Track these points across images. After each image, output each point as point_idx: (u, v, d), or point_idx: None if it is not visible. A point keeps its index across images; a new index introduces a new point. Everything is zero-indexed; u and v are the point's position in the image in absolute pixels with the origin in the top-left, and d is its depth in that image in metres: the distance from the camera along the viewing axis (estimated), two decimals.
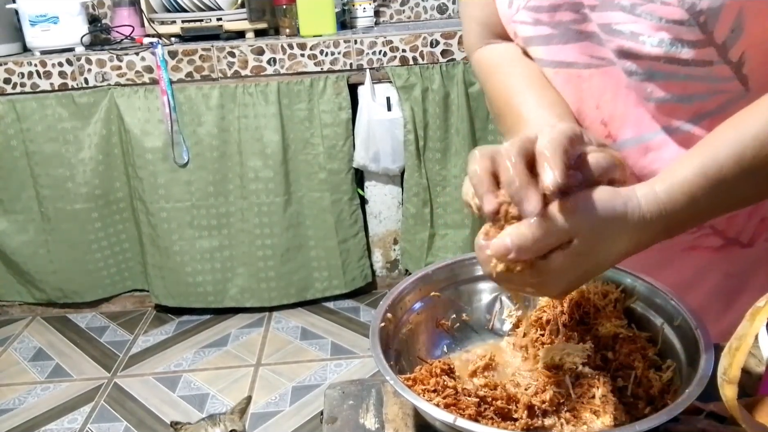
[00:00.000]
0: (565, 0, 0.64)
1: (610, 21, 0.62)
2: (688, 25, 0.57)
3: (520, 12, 0.68)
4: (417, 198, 2.38)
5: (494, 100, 0.75)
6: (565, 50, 0.68)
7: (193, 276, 2.43)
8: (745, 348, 0.45)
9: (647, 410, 0.55)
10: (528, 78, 0.71)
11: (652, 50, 0.60)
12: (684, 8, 0.56)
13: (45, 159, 2.31)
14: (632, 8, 0.59)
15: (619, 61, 0.64)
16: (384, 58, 2.24)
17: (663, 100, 0.64)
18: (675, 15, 0.57)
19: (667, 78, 0.62)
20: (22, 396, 2.12)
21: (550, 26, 0.67)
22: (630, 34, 0.61)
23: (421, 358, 0.64)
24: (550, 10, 0.66)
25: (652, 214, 0.50)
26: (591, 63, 0.67)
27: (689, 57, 0.59)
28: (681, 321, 0.59)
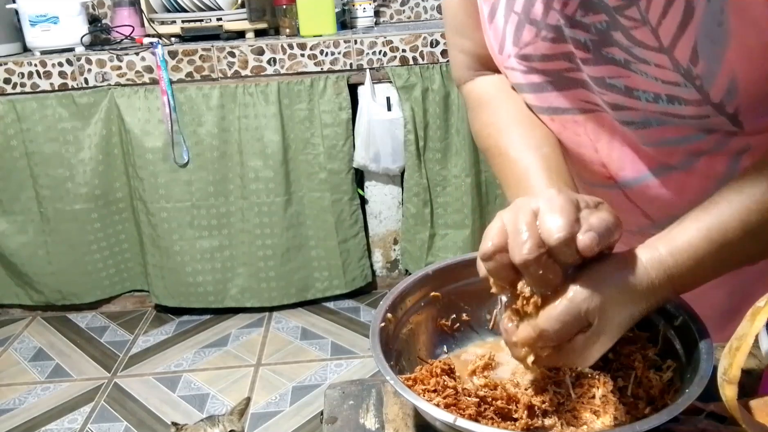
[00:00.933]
0: (558, 51, 0.63)
1: (603, 75, 0.61)
2: (684, 86, 0.57)
3: (510, 59, 0.67)
4: (417, 198, 2.38)
5: (481, 138, 0.74)
6: (558, 97, 0.67)
7: (194, 276, 2.43)
8: (745, 348, 0.45)
9: (647, 410, 0.55)
10: (515, 116, 0.71)
11: (648, 105, 0.60)
12: (679, 72, 0.56)
13: (45, 159, 2.31)
14: (626, 63, 0.59)
15: (612, 113, 0.64)
16: (384, 58, 2.24)
17: (659, 143, 0.64)
18: (670, 77, 0.57)
19: (662, 124, 0.62)
20: (22, 396, 2.12)
21: (542, 74, 0.66)
22: (624, 88, 0.60)
23: (421, 358, 0.64)
24: (543, 60, 0.65)
25: (660, 279, 0.52)
26: (585, 108, 0.66)
27: (686, 113, 0.59)
28: (681, 321, 0.59)
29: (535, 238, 0.48)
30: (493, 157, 0.72)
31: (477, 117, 0.76)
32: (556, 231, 0.47)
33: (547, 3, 0.61)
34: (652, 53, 0.56)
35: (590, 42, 0.60)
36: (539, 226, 0.49)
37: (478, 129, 0.76)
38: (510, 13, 0.64)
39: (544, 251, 0.48)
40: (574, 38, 0.61)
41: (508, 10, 0.65)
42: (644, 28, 0.55)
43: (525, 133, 0.69)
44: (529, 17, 0.63)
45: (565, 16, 0.60)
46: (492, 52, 0.70)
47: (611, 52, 0.59)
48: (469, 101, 0.78)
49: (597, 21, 0.58)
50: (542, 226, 0.48)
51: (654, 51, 0.56)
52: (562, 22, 0.61)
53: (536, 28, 0.63)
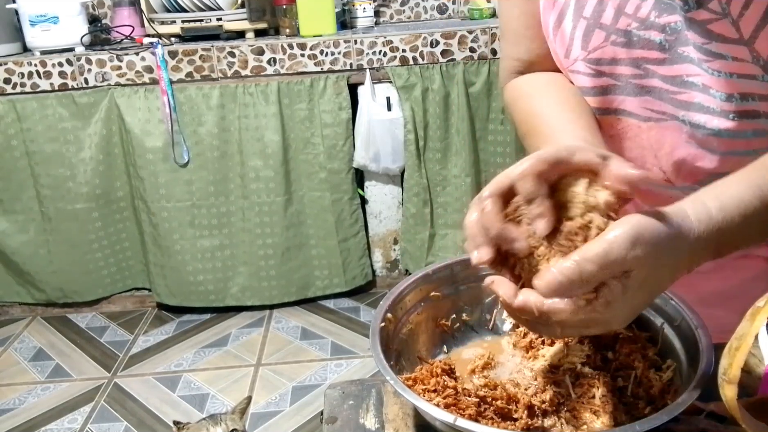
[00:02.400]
0: (627, 56, 0.63)
1: (682, 73, 0.61)
2: (761, 79, 0.56)
3: (577, 63, 0.67)
4: (417, 198, 2.38)
5: (520, 125, 0.74)
6: (623, 102, 0.67)
7: (195, 275, 2.43)
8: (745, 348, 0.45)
9: (647, 410, 0.55)
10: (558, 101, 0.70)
11: (722, 104, 0.60)
12: (759, 65, 0.56)
13: (45, 159, 2.31)
14: (699, 63, 0.59)
15: (687, 114, 0.62)
16: (384, 58, 2.24)
17: (727, 153, 0.63)
18: (748, 70, 0.56)
19: (733, 137, 0.61)
20: (22, 396, 2.12)
21: (609, 78, 0.66)
22: (702, 86, 0.60)
23: (422, 358, 0.64)
24: (611, 64, 0.65)
25: (708, 233, 0.48)
26: (650, 117, 0.66)
27: (760, 109, 0.58)
28: (681, 321, 0.59)
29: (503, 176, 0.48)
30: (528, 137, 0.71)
31: (515, 108, 0.76)
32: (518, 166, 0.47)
33: (618, 8, 0.61)
34: (730, 46, 0.56)
35: (665, 42, 0.60)
36: None
37: (517, 118, 0.75)
38: (579, 18, 0.65)
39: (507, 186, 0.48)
40: (647, 39, 0.61)
41: (577, 15, 0.65)
42: (724, 21, 0.56)
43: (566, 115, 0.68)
44: (599, 22, 0.64)
45: (639, 19, 0.61)
46: (557, 58, 0.70)
47: (686, 51, 0.59)
48: (508, 96, 0.78)
49: (671, 21, 0.59)
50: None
51: (732, 43, 0.56)
52: (635, 26, 0.61)
53: (605, 33, 0.63)
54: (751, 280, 0.71)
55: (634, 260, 0.44)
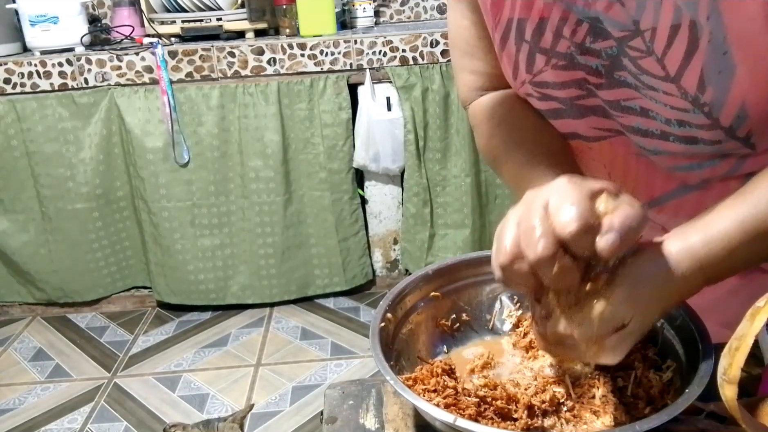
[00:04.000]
0: (570, 78, 0.63)
1: (619, 98, 0.61)
2: (693, 112, 0.56)
3: (525, 85, 0.67)
4: (417, 198, 2.38)
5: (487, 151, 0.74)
6: (571, 124, 0.67)
7: (195, 274, 2.43)
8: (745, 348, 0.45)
9: (647, 410, 0.55)
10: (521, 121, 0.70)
11: (663, 126, 0.60)
12: (687, 100, 0.56)
13: (45, 159, 2.31)
14: (637, 88, 0.59)
15: (630, 136, 0.63)
16: (384, 58, 2.24)
17: (674, 168, 0.64)
18: (679, 104, 0.57)
19: (676, 153, 0.62)
20: (22, 396, 2.12)
21: (556, 101, 0.66)
22: (640, 109, 0.60)
23: (422, 358, 0.64)
24: (555, 87, 0.65)
25: (693, 270, 0.52)
26: (600, 135, 0.66)
27: (698, 136, 0.58)
28: (681, 321, 0.59)
29: (548, 234, 0.47)
30: (501, 165, 0.71)
31: (483, 131, 0.75)
32: (568, 224, 0.46)
33: (556, 32, 0.61)
34: (659, 81, 0.56)
35: (602, 67, 0.60)
36: (552, 220, 0.47)
37: (485, 143, 0.75)
38: (521, 42, 0.64)
39: (559, 246, 0.47)
40: (585, 65, 0.61)
41: (519, 39, 0.64)
42: (650, 58, 0.55)
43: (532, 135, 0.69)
44: (539, 46, 0.63)
45: (575, 44, 0.60)
46: (507, 76, 0.70)
47: (623, 75, 0.59)
48: (474, 118, 0.77)
49: (606, 47, 0.58)
50: (554, 219, 0.47)
51: (661, 80, 0.56)
52: (573, 50, 0.61)
53: (546, 56, 0.63)
54: (726, 295, 0.72)
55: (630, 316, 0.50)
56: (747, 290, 0.70)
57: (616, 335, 0.50)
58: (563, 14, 0.59)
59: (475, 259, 0.69)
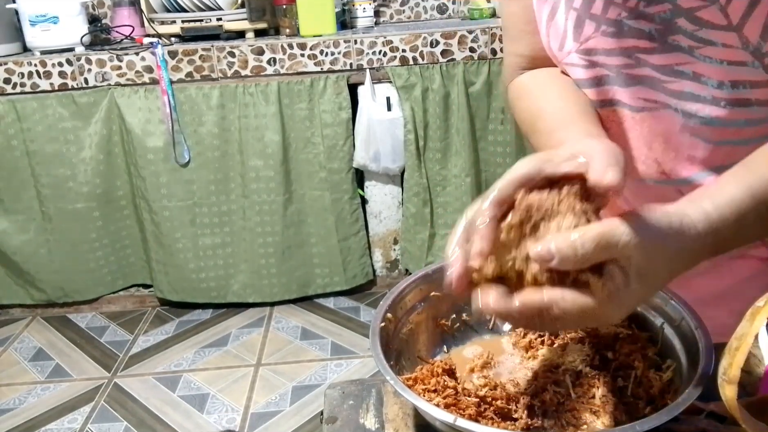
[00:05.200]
0: (618, 46, 0.63)
1: (672, 62, 0.61)
2: (751, 66, 0.56)
3: (571, 55, 0.68)
4: (417, 198, 2.38)
5: (522, 121, 0.74)
6: (617, 93, 0.67)
7: (197, 273, 2.44)
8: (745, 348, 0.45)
9: (647, 410, 0.55)
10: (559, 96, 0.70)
11: (714, 92, 0.59)
12: (748, 51, 0.55)
13: (46, 159, 2.32)
14: (690, 50, 0.59)
15: (679, 103, 0.63)
16: (384, 58, 2.24)
17: (720, 143, 0.63)
18: (738, 57, 0.56)
19: (725, 125, 0.61)
20: (22, 396, 2.12)
21: (602, 69, 0.66)
22: (692, 74, 0.60)
23: (422, 358, 0.64)
24: (602, 54, 0.65)
25: (707, 232, 0.49)
26: (644, 107, 0.66)
27: (752, 97, 0.58)
28: (681, 321, 0.59)
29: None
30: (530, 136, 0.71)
31: (517, 106, 0.76)
32: None
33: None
34: (719, 33, 0.56)
35: (655, 31, 0.60)
36: None
37: (518, 117, 0.76)
38: (569, 10, 0.65)
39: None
40: (637, 29, 0.61)
41: (568, 7, 0.66)
42: (712, 8, 0.55)
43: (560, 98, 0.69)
44: (589, 12, 0.64)
45: (628, 9, 0.61)
46: (550, 51, 0.71)
47: (677, 39, 0.59)
48: (511, 95, 0.79)
49: (660, 11, 0.59)
50: None
51: (722, 30, 0.56)
52: (624, 15, 0.61)
53: (596, 23, 0.64)
54: (747, 280, 0.72)
55: (636, 246, 0.44)
56: (764, 277, 0.70)
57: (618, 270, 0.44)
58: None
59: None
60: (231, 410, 1.97)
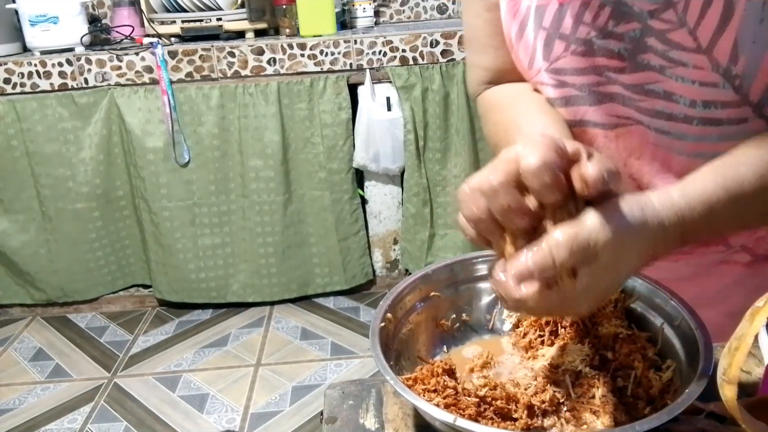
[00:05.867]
0: (588, 65, 0.63)
1: (642, 81, 0.61)
2: (722, 87, 0.56)
3: (541, 73, 0.67)
4: (417, 198, 2.38)
5: (491, 135, 0.74)
6: (588, 112, 0.67)
7: (196, 273, 2.44)
8: (745, 348, 0.45)
9: (647, 410, 0.55)
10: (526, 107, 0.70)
11: (686, 110, 0.59)
12: (718, 73, 0.55)
13: (45, 159, 2.32)
14: (662, 69, 0.58)
15: (651, 121, 0.63)
16: (384, 58, 2.24)
17: (694, 155, 0.63)
18: (709, 78, 0.56)
19: (699, 140, 0.61)
20: (22, 396, 2.12)
21: (573, 89, 0.66)
22: (663, 92, 0.60)
23: (421, 358, 0.64)
24: (572, 74, 0.65)
25: (670, 219, 0.49)
26: (616, 123, 0.66)
27: (723, 116, 0.58)
28: (681, 321, 0.59)
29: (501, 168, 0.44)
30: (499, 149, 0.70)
31: (488, 119, 0.76)
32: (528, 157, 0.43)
33: (576, 17, 0.61)
34: (689, 54, 0.56)
35: (625, 50, 0.60)
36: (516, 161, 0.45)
37: (489, 129, 0.76)
38: (539, 29, 0.65)
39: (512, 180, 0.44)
40: (607, 48, 0.61)
41: (537, 25, 0.65)
42: (681, 30, 0.55)
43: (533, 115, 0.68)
44: (559, 32, 0.63)
45: (597, 28, 0.60)
46: (521, 67, 0.70)
47: (647, 58, 0.59)
48: (482, 107, 0.78)
49: (630, 29, 0.58)
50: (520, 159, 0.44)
51: (692, 52, 0.56)
52: (594, 35, 0.61)
53: (566, 42, 0.63)
54: (731, 285, 0.72)
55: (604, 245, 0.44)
56: (753, 280, 0.70)
57: (586, 270, 0.44)
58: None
59: (475, 259, 0.69)
60: (231, 410, 1.97)
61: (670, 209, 0.49)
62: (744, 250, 0.70)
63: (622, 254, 0.46)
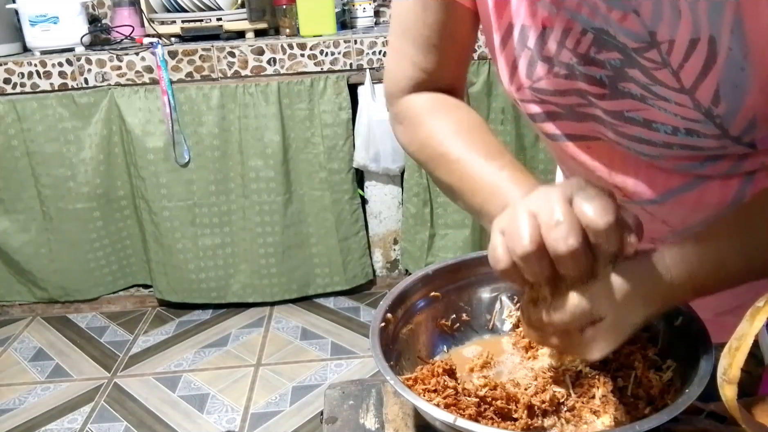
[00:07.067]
0: (571, 87, 0.63)
1: (621, 108, 0.61)
2: (704, 123, 0.56)
3: (523, 90, 0.67)
4: (417, 198, 2.38)
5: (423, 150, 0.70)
6: (569, 127, 0.67)
7: (196, 273, 2.44)
8: (745, 348, 0.45)
9: (647, 410, 0.55)
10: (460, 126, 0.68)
11: (666, 138, 0.60)
12: (700, 112, 0.55)
13: (46, 159, 2.32)
14: (643, 98, 0.58)
15: (630, 143, 0.63)
16: (384, 58, 2.24)
17: (673, 169, 0.64)
18: (690, 115, 0.56)
19: (680, 160, 0.62)
20: (22, 396, 2.12)
21: (554, 106, 0.66)
22: (643, 121, 0.60)
23: (422, 358, 0.64)
24: (555, 95, 0.65)
25: (682, 278, 0.51)
26: (599, 137, 0.66)
27: (704, 145, 0.58)
28: (681, 321, 0.59)
29: (576, 227, 0.46)
30: (444, 165, 0.67)
31: (415, 131, 0.72)
32: (603, 215, 0.46)
33: (559, 41, 0.61)
34: (672, 93, 0.56)
35: (606, 78, 0.60)
36: (579, 213, 0.47)
37: (418, 142, 0.71)
38: (523, 48, 0.64)
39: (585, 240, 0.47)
40: (588, 75, 0.61)
41: (521, 45, 0.64)
42: (665, 70, 0.55)
43: (479, 140, 0.66)
44: (542, 54, 0.63)
45: (578, 55, 0.60)
46: (500, 77, 0.69)
47: (628, 87, 0.59)
48: (404, 116, 0.74)
49: (611, 58, 0.58)
50: (584, 212, 0.46)
51: (674, 91, 0.56)
52: (575, 60, 0.60)
53: (548, 65, 0.63)
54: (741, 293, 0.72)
55: (605, 313, 0.50)
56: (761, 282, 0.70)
57: (591, 328, 0.50)
58: (567, 24, 0.59)
59: (475, 259, 0.69)
60: (231, 410, 1.97)
61: (683, 265, 0.52)
62: None
63: (627, 316, 0.51)
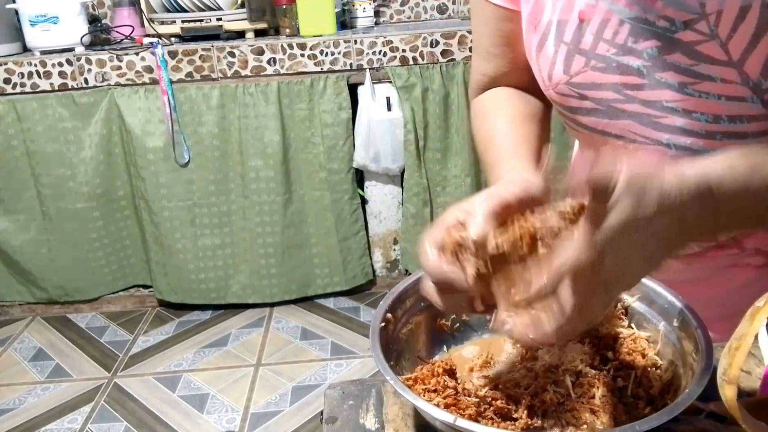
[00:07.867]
0: (607, 80, 0.63)
1: (661, 98, 0.61)
2: (750, 101, 0.56)
3: (560, 86, 0.68)
4: (417, 198, 2.38)
5: (477, 141, 0.78)
6: (608, 125, 0.67)
7: (196, 273, 2.44)
8: (745, 348, 0.45)
9: (647, 410, 0.55)
10: (507, 117, 0.74)
11: (709, 126, 0.59)
12: (748, 86, 0.55)
13: (46, 159, 2.32)
14: (682, 87, 0.58)
15: (671, 137, 0.63)
16: (384, 58, 2.24)
17: None
18: (737, 92, 0.56)
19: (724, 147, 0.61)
20: (22, 396, 2.12)
21: (592, 102, 0.67)
22: (683, 111, 0.60)
23: (421, 358, 0.64)
24: (592, 88, 0.65)
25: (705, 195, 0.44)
26: (635, 140, 0.66)
27: (748, 130, 0.58)
28: (681, 321, 0.59)
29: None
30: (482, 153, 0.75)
31: (475, 125, 0.80)
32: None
33: (597, 33, 0.61)
34: (718, 68, 0.56)
35: (644, 68, 0.60)
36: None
37: (475, 135, 0.79)
38: (560, 43, 0.65)
39: None
40: (626, 65, 0.61)
41: (558, 40, 0.65)
42: (712, 43, 0.55)
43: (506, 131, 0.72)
44: (579, 47, 0.64)
45: (617, 45, 0.61)
46: (540, 78, 0.71)
47: (665, 76, 0.59)
48: (473, 111, 0.82)
49: (648, 47, 0.59)
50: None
51: (721, 65, 0.56)
52: (613, 52, 0.61)
53: (585, 58, 0.64)
54: (741, 288, 0.72)
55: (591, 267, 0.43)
56: (763, 282, 0.70)
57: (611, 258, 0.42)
58: (605, 15, 0.60)
59: None
60: (231, 410, 1.97)
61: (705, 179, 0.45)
62: (758, 253, 0.70)
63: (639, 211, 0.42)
